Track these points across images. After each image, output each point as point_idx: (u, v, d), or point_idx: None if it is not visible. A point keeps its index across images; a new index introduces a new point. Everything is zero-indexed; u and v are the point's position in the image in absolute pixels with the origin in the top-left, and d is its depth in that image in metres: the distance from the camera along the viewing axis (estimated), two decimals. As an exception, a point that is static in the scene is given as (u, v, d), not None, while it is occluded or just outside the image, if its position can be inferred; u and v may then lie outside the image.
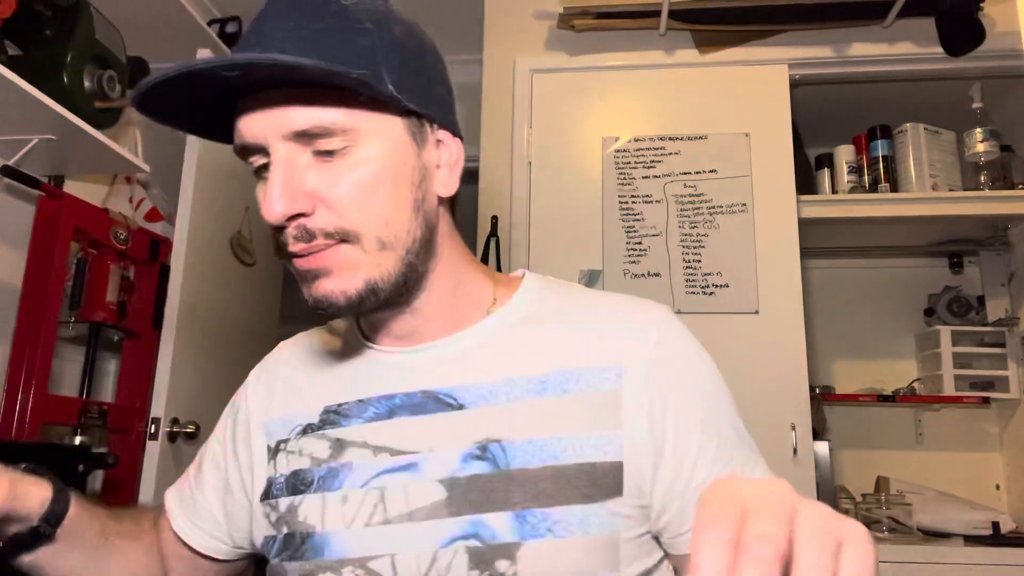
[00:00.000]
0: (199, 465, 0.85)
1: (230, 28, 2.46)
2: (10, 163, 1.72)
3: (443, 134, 0.71)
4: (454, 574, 0.65)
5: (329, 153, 0.63)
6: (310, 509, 0.72)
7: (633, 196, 2.13)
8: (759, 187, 2.08)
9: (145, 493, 1.78)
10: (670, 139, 2.15)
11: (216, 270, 2.09)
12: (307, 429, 0.76)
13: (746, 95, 2.16)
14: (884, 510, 2.14)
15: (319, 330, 0.86)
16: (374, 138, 0.64)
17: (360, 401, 0.74)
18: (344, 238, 0.64)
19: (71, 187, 1.96)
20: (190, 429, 1.88)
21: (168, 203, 2.27)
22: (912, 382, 2.51)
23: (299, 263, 0.66)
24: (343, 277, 0.65)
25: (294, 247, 0.65)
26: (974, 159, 2.24)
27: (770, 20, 2.16)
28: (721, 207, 2.08)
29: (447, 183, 0.71)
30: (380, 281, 0.66)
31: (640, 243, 2.09)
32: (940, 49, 2.13)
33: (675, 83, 2.20)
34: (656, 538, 0.70)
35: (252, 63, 0.59)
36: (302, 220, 0.64)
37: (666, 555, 0.71)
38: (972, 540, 2.04)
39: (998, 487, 2.43)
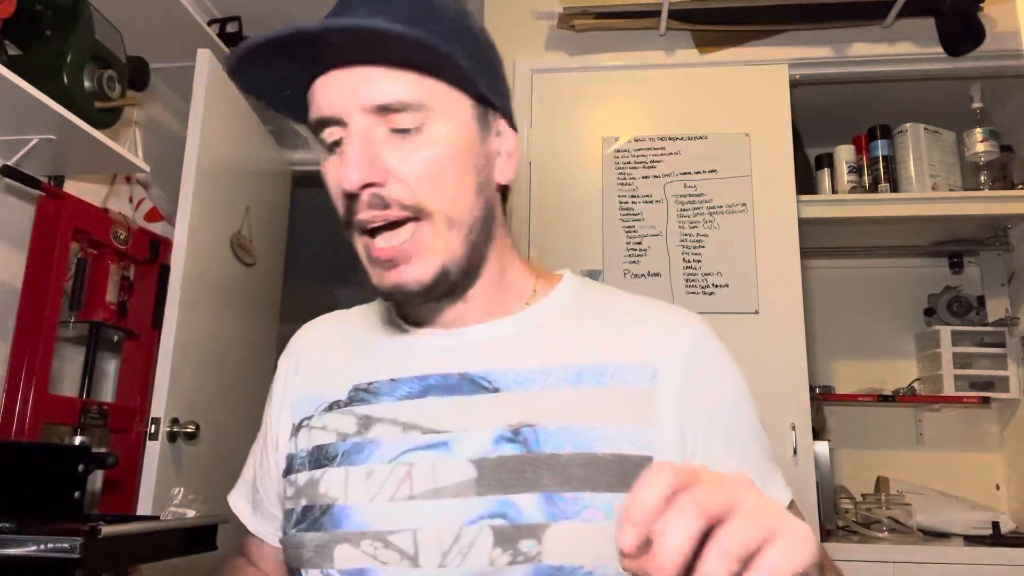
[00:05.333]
0: (250, 465, 0.87)
1: (230, 28, 2.45)
2: (10, 163, 1.72)
3: (503, 125, 0.74)
4: (477, 551, 0.64)
5: (404, 131, 0.66)
6: (332, 482, 0.71)
7: (633, 196, 2.12)
8: (759, 187, 2.08)
9: (145, 493, 1.77)
10: (670, 139, 2.15)
11: (216, 270, 2.09)
12: (333, 406, 0.76)
13: (746, 95, 2.16)
14: (884, 510, 2.14)
15: (349, 311, 0.88)
16: (446, 119, 0.68)
17: (392, 380, 0.74)
18: (417, 214, 0.67)
19: (71, 187, 1.96)
20: (190, 429, 1.88)
21: (168, 203, 2.27)
22: (912, 382, 2.50)
23: (378, 250, 0.68)
24: (420, 264, 0.68)
25: (365, 214, 0.67)
26: (974, 159, 2.24)
27: (770, 20, 2.16)
28: (721, 207, 2.08)
29: (506, 170, 0.74)
30: (451, 264, 0.69)
31: (640, 243, 2.09)
32: (940, 49, 2.13)
33: (675, 83, 2.21)
34: None
35: (359, 28, 0.62)
36: (377, 189, 0.66)
37: None
38: (972, 540, 2.04)
39: (998, 487, 2.43)
